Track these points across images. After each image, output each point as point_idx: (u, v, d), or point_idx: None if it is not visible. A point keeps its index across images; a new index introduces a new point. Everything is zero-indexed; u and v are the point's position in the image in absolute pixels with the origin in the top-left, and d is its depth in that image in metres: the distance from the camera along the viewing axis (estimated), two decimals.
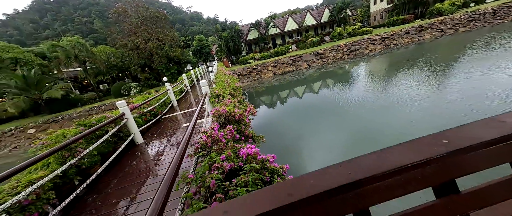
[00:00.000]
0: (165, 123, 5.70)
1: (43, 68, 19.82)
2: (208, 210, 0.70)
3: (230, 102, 2.86)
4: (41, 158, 2.09)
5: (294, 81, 18.20)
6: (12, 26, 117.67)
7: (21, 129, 16.65)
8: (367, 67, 17.11)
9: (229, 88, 4.53)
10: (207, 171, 1.22)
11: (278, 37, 34.38)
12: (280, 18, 37.99)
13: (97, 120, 3.60)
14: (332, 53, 23.00)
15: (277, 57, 26.61)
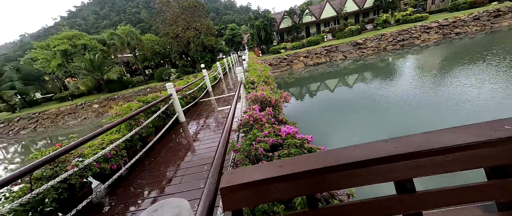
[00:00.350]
0: (202, 106, 6.28)
1: (103, 53, 23.36)
2: (266, 164, 0.90)
3: (265, 89, 3.03)
4: (118, 124, 2.66)
5: (326, 73, 17.26)
6: (79, 17, 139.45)
7: (88, 104, 20.35)
8: (416, 59, 14.98)
9: (263, 76, 4.70)
10: (253, 143, 1.44)
11: (312, 25, 32.47)
12: (317, 4, 35.48)
13: (152, 98, 4.24)
14: (374, 43, 20.70)
15: (310, 47, 25.37)
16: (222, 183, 0.78)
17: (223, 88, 8.73)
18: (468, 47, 14.28)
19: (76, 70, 20.51)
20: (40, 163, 1.73)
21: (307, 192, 0.74)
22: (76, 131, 17.11)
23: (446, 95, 7.52)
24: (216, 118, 4.75)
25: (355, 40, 21.60)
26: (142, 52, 23.77)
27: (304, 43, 26.69)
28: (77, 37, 21.38)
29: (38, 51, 21.56)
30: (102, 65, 21.13)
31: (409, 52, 17.44)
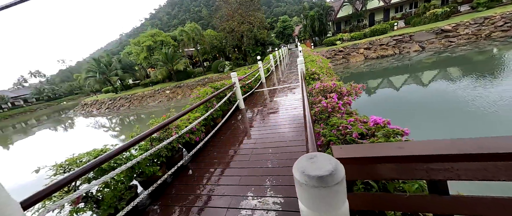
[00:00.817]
0: (257, 96, 6.65)
1: (174, 48, 27.75)
2: (380, 144, 0.93)
3: (334, 80, 2.93)
4: (202, 103, 3.23)
5: (391, 68, 14.66)
6: (157, 18, 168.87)
7: (162, 90, 24.96)
8: None
9: (324, 68, 4.51)
10: (333, 130, 1.48)
11: (379, 12, 27.86)
12: None
13: (220, 85, 4.84)
14: (471, 29, 15.88)
15: (373, 37, 22.02)
16: (335, 155, 0.87)
17: (275, 80, 8.89)
18: None
19: (155, 61, 25.37)
20: (156, 129, 2.33)
21: (434, 176, 0.74)
22: (154, 111, 21.46)
23: None
24: (272, 107, 4.95)
25: (440, 27, 17.19)
26: (203, 46, 26.82)
27: (366, 33, 23.40)
28: (157, 35, 26.22)
29: (132, 46, 27.83)
30: (173, 58, 25.25)
31: None
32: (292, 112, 4.30)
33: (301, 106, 4.57)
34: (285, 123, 3.77)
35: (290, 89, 6.61)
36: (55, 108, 49.25)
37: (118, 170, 1.76)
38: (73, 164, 1.78)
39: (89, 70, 27.44)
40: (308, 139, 1.17)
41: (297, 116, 4.05)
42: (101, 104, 27.36)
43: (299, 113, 4.21)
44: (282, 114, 4.28)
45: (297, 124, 3.64)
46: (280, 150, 2.78)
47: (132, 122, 19.91)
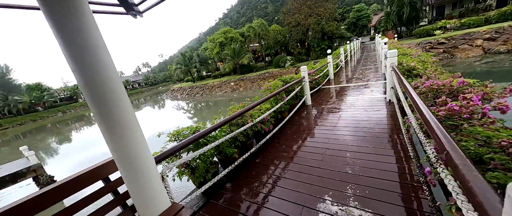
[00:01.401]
0: (324, 93, 6.11)
1: (241, 43, 30.02)
2: None
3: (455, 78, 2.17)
4: (273, 95, 3.25)
5: None
6: (228, 17, 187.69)
7: (228, 82, 27.84)
8: None
9: (428, 62, 3.51)
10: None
11: None
12: None
13: (289, 78, 4.75)
14: None
15: (504, 23, 15.37)
16: None
17: (345, 77, 7.88)
18: None
19: (225, 56, 28.46)
20: (236, 114, 2.51)
21: None
22: (219, 100, 24.41)
23: None
24: (345, 106, 4.39)
25: None
26: (267, 41, 27.56)
27: (490, 17, 16.69)
28: (228, 32, 29.15)
29: (208, 43, 32.37)
30: (239, 52, 27.44)
31: None
32: (373, 114, 3.64)
33: (385, 108, 3.80)
34: (364, 127, 3.23)
35: (367, 87, 5.67)
36: (155, 91, 65.65)
37: (209, 146, 2.02)
38: (179, 135, 2.19)
39: (178, 63, 34.34)
40: (453, 156, 0.85)
41: (380, 120, 3.38)
42: (183, 91, 33.84)
43: (382, 116, 3.51)
44: (360, 116, 3.70)
45: (380, 129, 3.04)
46: (363, 157, 2.39)
47: (202, 108, 23.54)
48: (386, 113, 3.61)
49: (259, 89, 25.21)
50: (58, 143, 19.96)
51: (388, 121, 3.31)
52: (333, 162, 2.42)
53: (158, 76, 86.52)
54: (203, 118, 18.55)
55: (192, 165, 2.09)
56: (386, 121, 3.31)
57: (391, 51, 3.63)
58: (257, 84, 25.20)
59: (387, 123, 3.26)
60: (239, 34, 29.99)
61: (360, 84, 6.16)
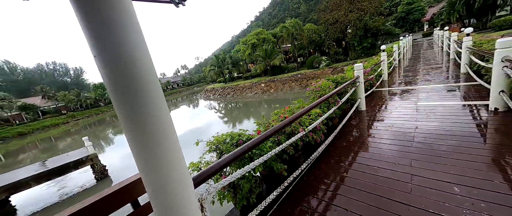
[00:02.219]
0: (378, 97, 5.08)
1: (273, 44, 29.59)
2: None
3: None
4: (323, 101, 2.62)
5: None
6: (260, 19, 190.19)
7: (259, 83, 27.71)
8: None
9: None
10: None
11: None
12: None
13: (340, 78, 4.01)
14: None
15: None
16: None
17: (395, 80, 6.52)
18: None
19: (256, 57, 28.47)
20: (287, 122, 1.99)
21: None
22: (249, 101, 24.43)
23: None
24: (416, 116, 3.40)
25: None
26: (300, 41, 26.40)
27: None
28: (261, 33, 29.08)
29: (240, 45, 32.99)
30: (271, 54, 27.04)
31: None
32: (468, 128, 2.64)
33: (487, 120, 2.73)
34: (459, 145, 2.31)
35: (441, 90, 4.43)
36: (191, 91, 71.08)
37: (257, 162, 1.56)
38: (220, 143, 1.80)
39: (211, 64, 36.09)
40: None
41: (482, 136, 2.39)
42: (215, 91, 35.34)
43: (487, 132, 2.49)
44: (448, 129, 2.72)
45: (488, 151, 2.10)
46: (481, 196, 1.57)
47: (233, 108, 23.93)
48: (493, 128, 2.56)
49: (290, 91, 24.35)
50: (113, 134, 23.06)
51: (497, 140, 2.31)
52: (428, 198, 1.67)
53: (194, 77, 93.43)
54: (234, 118, 18.73)
55: (235, 184, 1.66)
56: (494, 140, 2.31)
57: (504, 39, 2.57)
58: (288, 86, 24.31)
59: (495, 143, 2.27)
60: (271, 35, 29.63)
61: (428, 87, 4.88)
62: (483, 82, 3.87)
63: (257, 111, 19.44)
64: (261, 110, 19.77)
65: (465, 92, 3.93)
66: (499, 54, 2.62)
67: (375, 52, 21.57)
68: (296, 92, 22.32)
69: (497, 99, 2.75)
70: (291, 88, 23.95)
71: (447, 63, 7.50)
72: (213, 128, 15.47)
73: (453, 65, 6.81)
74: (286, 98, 21.57)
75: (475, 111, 3.03)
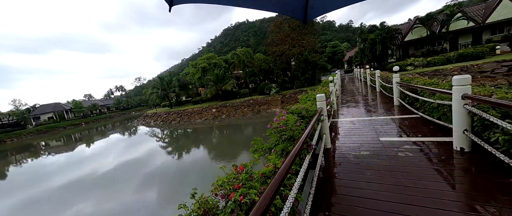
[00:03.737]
0: (337, 130, 4.77)
1: (225, 70, 29.41)
2: None
3: None
4: (295, 156, 1.65)
5: None
6: (212, 46, 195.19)
7: (209, 108, 25.89)
8: None
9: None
10: None
11: (465, 35, 22.67)
12: (477, 5, 24.64)
13: (303, 110, 3.29)
14: None
15: (463, 62, 17.30)
16: None
17: (343, 110, 6.68)
18: None
19: (207, 81, 27.14)
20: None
21: None
22: (199, 127, 22.00)
23: None
24: (372, 149, 2.97)
25: None
26: (251, 69, 27.38)
27: (450, 57, 18.79)
28: (212, 58, 28.56)
29: (190, 68, 31.11)
30: (223, 78, 26.48)
31: None
32: (429, 170, 2.33)
33: (455, 162, 2.47)
34: (424, 189, 1.86)
35: (391, 123, 4.47)
36: (127, 116, 59.55)
37: None
38: None
39: (154, 87, 31.75)
40: None
41: (442, 177, 2.07)
42: (158, 117, 30.51)
43: (457, 177, 2.15)
44: (410, 169, 2.30)
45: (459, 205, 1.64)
46: None
47: (179, 136, 20.68)
48: (462, 171, 2.30)
49: (243, 117, 23.70)
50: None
51: (466, 185, 2.08)
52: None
53: (133, 100, 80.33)
54: (180, 146, 15.84)
55: None
56: (464, 185, 2.07)
57: (460, 77, 2.49)
58: (241, 111, 23.74)
59: (465, 187, 2.04)
60: (223, 60, 29.60)
61: (383, 118, 4.97)
62: (428, 117, 4.05)
63: (207, 138, 17.33)
64: (212, 137, 17.83)
65: (418, 127, 3.92)
66: (458, 91, 2.52)
67: (315, 82, 24.72)
68: (249, 117, 21.88)
69: (461, 138, 2.60)
70: (244, 113, 23.41)
71: (377, 95, 8.64)
72: (156, 159, 12.96)
73: (383, 97, 7.82)
74: (239, 123, 20.65)
75: (439, 150, 2.82)
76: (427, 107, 4.16)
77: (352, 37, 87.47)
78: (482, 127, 2.38)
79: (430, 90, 3.69)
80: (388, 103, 6.66)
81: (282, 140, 2.23)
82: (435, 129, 3.52)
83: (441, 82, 4.33)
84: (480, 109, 2.32)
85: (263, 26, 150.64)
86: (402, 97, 5.76)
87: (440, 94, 3.24)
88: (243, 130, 18.91)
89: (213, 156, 12.33)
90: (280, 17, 26.54)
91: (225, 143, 15.38)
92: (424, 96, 4.16)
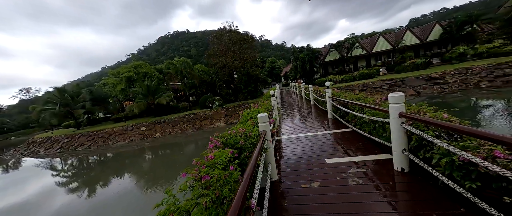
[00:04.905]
0: (280, 150, 4.29)
1: (159, 80, 25.56)
2: None
3: None
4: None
5: None
6: (145, 54, 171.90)
7: (137, 126, 21.21)
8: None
9: None
10: None
11: (362, 59, 30.19)
12: (367, 38, 33.73)
13: (244, 135, 2.45)
14: (458, 78, 16.71)
15: (363, 80, 22.63)
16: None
17: (285, 127, 6.18)
18: None
19: (134, 94, 22.42)
20: None
21: None
22: (122, 151, 17.29)
23: None
24: (333, 183, 2.58)
25: (428, 74, 18.01)
26: (191, 80, 25.10)
27: (355, 76, 24.21)
28: (141, 66, 24.16)
29: (109, 77, 24.96)
30: (156, 91, 22.70)
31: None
32: (371, 192, 2.16)
33: (396, 182, 2.32)
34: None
35: (330, 140, 4.42)
36: (2, 143, 40.50)
37: None
38: None
39: (48, 101, 23.04)
40: None
41: (385, 199, 1.99)
42: (53, 143, 21.96)
43: (400, 199, 1.95)
44: (355, 193, 2.03)
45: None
46: None
47: (94, 163, 15.29)
48: (404, 192, 2.18)
49: (181, 134, 20.73)
50: None
51: (409, 207, 1.97)
52: None
53: (11, 120, 56.17)
54: (92, 179, 11.43)
55: None
56: (407, 208, 1.95)
57: (395, 94, 2.42)
58: (179, 128, 20.81)
59: (408, 211, 1.93)
60: (156, 70, 25.69)
61: (320, 134, 4.91)
62: (360, 130, 4.17)
63: (136, 163, 13.58)
64: (142, 160, 14.26)
65: (355, 143, 3.87)
66: (395, 109, 2.43)
67: (257, 95, 25.47)
68: (189, 134, 19.38)
69: (401, 158, 2.51)
70: (182, 130, 20.58)
71: (312, 107, 9.26)
72: (56, 202, 9.03)
73: (317, 109, 8.39)
74: (177, 142, 17.79)
75: (382, 171, 2.68)
76: (358, 121, 4.35)
77: (286, 56, 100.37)
78: (420, 147, 2.33)
79: (360, 105, 3.81)
80: (323, 115, 7.06)
81: (204, 207, 1.26)
82: (371, 146, 3.56)
83: (368, 96, 4.72)
84: (417, 128, 2.26)
85: (205, 38, 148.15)
86: (334, 111, 6.12)
87: (374, 110, 3.29)
88: (183, 148, 16.38)
89: (145, 184, 9.62)
90: (221, 29, 26.29)
91: (160, 166, 12.55)
92: (355, 111, 4.35)
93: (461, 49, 21.34)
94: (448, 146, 1.78)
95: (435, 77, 17.68)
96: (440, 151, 2.00)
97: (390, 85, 18.95)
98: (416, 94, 17.16)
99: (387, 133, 2.97)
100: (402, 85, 18.49)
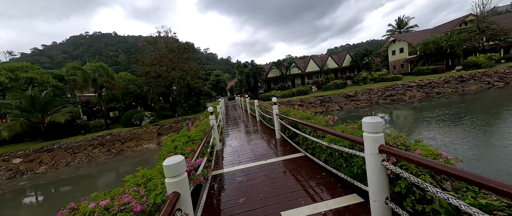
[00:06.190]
0: (217, 192, 2.96)
1: (56, 90, 18.55)
2: None
3: None
4: None
5: None
6: (46, 55, 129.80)
7: (5, 158, 13.85)
8: (406, 113, 14.94)
9: None
10: None
11: (298, 77, 34.08)
12: (301, 60, 38.77)
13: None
14: (365, 96, 21.20)
15: (300, 96, 25.10)
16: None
17: (228, 153, 4.90)
18: (444, 103, 15.41)
19: (3, 110, 14.89)
20: None
21: None
22: None
23: None
24: None
25: (346, 93, 21.99)
26: (111, 91, 19.73)
27: (293, 91, 26.61)
28: (23, 70, 16.78)
29: None
30: (49, 104, 16.07)
31: (400, 107, 17.76)
32: None
33: None
34: None
35: (288, 176, 3.47)
36: None
37: None
38: None
39: None
40: None
41: None
42: None
43: None
44: None
45: None
46: None
47: None
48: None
49: (88, 163, 15.08)
50: None
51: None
52: None
53: None
54: None
55: None
56: None
57: (372, 121, 1.68)
58: (85, 155, 15.21)
59: None
60: (52, 76, 18.61)
61: (273, 161, 3.92)
62: (316, 159, 3.45)
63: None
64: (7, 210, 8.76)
65: (312, 175, 3.08)
66: (372, 141, 1.68)
67: (200, 109, 23.05)
68: (100, 162, 14.38)
69: (383, 210, 1.75)
70: (90, 157, 15.13)
71: (258, 124, 8.49)
72: None
73: (263, 127, 7.63)
74: (79, 175, 12.63)
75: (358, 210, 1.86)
76: (310, 145, 3.68)
77: (232, 70, 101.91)
78: (406, 195, 1.62)
79: (314, 127, 3.09)
80: (270, 134, 6.30)
81: None
82: (332, 181, 2.82)
83: (318, 115, 4.22)
84: (402, 167, 1.56)
85: (137, 43, 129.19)
86: (282, 130, 5.45)
87: (336, 137, 2.56)
88: (87, 184, 11.50)
89: None
90: (156, 34, 22.79)
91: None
92: (306, 132, 3.68)
93: (363, 74, 27.84)
94: (459, 201, 1.07)
95: (351, 95, 21.77)
96: (443, 205, 1.31)
97: (321, 101, 21.71)
98: (340, 109, 20.33)
99: (354, 169, 2.26)
100: (330, 101, 21.58)
